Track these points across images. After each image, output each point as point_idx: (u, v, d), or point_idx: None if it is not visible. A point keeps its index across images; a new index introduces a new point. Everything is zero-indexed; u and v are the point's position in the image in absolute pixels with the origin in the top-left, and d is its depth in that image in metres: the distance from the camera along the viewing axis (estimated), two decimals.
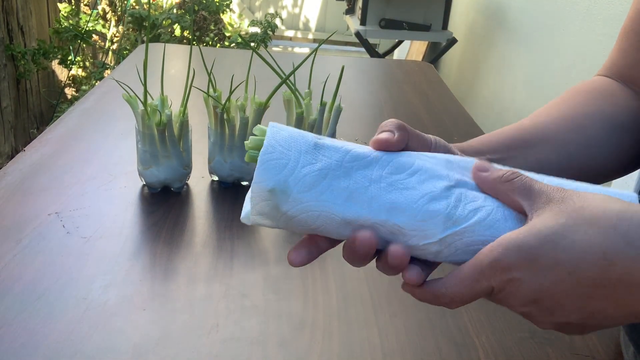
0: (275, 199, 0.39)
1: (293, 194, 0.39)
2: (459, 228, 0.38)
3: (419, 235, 0.39)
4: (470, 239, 0.39)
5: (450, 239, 0.39)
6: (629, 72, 0.58)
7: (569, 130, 0.53)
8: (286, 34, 4.87)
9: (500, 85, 2.36)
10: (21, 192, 0.77)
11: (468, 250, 0.39)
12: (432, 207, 0.39)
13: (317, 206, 0.39)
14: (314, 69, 0.84)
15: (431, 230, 0.38)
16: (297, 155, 0.39)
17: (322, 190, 0.39)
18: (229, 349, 0.54)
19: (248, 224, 0.42)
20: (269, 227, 0.41)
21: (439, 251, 0.39)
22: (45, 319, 0.55)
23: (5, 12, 2.55)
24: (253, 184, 0.39)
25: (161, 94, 0.78)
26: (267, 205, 0.39)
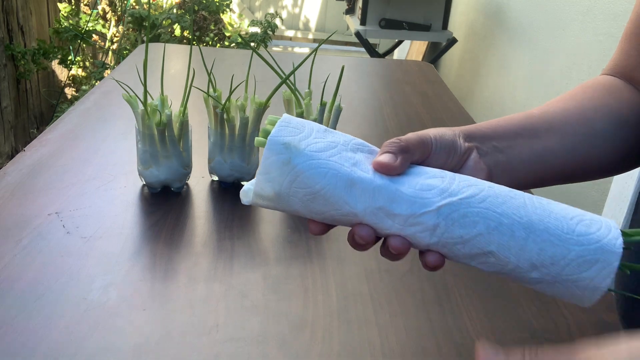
0: (288, 153, 0.40)
1: (306, 150, 0.40)
2: (455, 198, 0.40)
3: (418, 202, 0.40)
4: (466, 210, 0.39)
5: (447, 208, 0.40)
6: (631, 73, 0.59)
7: (576, 122, 0.53)
8: (286, 34, 4.87)
9: (500, 85, 2.36)
10: (21, 192, 0.77)
11: (464, 223, 0.39)
12: (429, 182, 0.41)
13: (326, 164, 0.40)
14: (314, 69, 0.84)
15: (429, 198, 0.40)
16: (310, 131, 0.42)
17: (331, 155, 0.41)
18: (229, 349, 0.54)
19: (245, 200, 0.43)
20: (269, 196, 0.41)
21: (437, 225, 0.40)
22: (45, 319, 0.55)
23: (5, 12, 2.55)
24: (270, 137, 0.41)
25: (161, 94, 0.78)
26: (277, 161, 0.40)
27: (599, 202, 1.55)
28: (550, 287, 0.40)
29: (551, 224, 0.39)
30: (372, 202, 0.40)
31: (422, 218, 0.40)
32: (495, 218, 0.39)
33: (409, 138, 0.44)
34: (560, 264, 0.39)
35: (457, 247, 0.40)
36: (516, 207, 0.40)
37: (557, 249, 0.39)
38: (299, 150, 0.40)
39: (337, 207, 0.41)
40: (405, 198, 0.40)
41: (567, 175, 0.54)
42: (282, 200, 0.41)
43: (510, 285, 0.67)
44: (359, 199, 0.40)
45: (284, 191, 0.41)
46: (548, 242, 0.39)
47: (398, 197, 0.40)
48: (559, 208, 0.41)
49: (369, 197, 0.40)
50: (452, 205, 0.40)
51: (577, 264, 0.39)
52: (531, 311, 0.63)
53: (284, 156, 0.40)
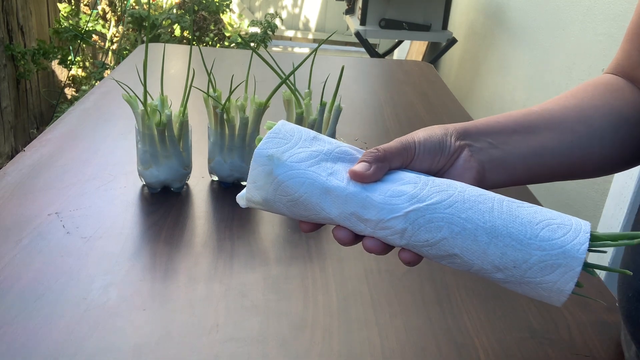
0: (271, 164, 0.44)
1: (287, 161, 0.44)
2: (423, 205, 0.42)
3: (387, 208, 0.43)
4: (432, 216, 0.42)
5: (414, 214, 0.42)
6: (633, 72, 0.59)
7: (575, 120, 0.53)
8: (286, 34, 4.87)
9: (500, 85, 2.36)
10: (21, 192, 0.77)
11: (430, 227, 0.42)
12: (401, 188, 0.44)
13: (304, 174, 0.44)
14: (313, 69, 0.84)
15: (398, 205, 0.43)
16: (297, 140, 0.46)
17: (311, 164, 0.45)
18: (229, 349, 0.54)
19: (241, 203, 0.48)
20: (259, 202, 0.46)
21: (404, 229, 0.42)
22: (45, 319, 0.55)
23: (5, 12, 2.55)
24: (256, 151, 0.45)
25: (161, 94, 0.78)
26: (262, 172, 0.45)
27: (599, 202, 1.55)
28: (518, 287, 0.42)
29: (515, 229, 0.41)
30: (344, 208, 0.44)
31: (390, 223, 0.43)
32: (459, 223, 0.42)
33: (388, 147, 0.46)
34: (522, 268, 0.41)
35: (425, 249, 0.43)
36: (482, 212, 0.42)
37: (519, 254, 0.41)
38: (281, 162, 0.44)
39: (315, 212, 0.44)
40: (374, 204, 0.43)
41: (564, 172, 0.54)
42: (269, 205, 0.46)
43: None
44: (333, 205, 0.44)
45: (270, 197, 0.45)
46: (510, 247, 0.41)
47: (368, 203, 0.43)
48: (527, 212, 0.42)
49: (342, 203, 0.44)
50: (419, 211, 0.42)
51: (538, 268, 0.40)
52: (531, 311, 0.63)
53: (268, 167, 0.44)
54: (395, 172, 0.46)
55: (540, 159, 0.52)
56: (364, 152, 0.46)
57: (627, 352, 0.57)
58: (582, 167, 0.54)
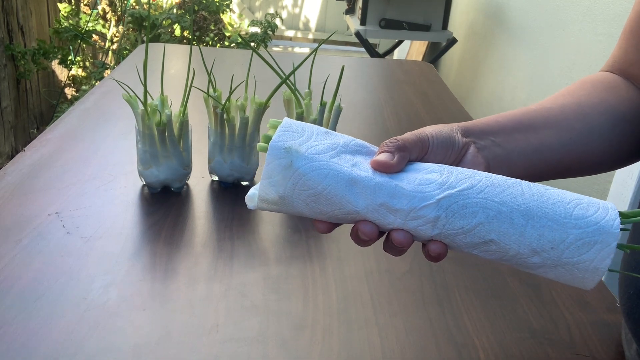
0: (289, 156, 0.41)
1: (306, 153, 0.42)
2: (454, 190, 0.41)
3: (418, 196, 0.41)
4: (465, 201, 0.41)
5: (447, 201, 0.41)
6: (629, 70, 0.59)
7: (573, 118, 0.54)
8: (286, 34, 4.87)
9: (500, 85, 2.36)
10: (21, 192, 0.77)
11: (464, 213, 0.41)
12: (427, 176, 0.42)
13: (327, 165, 0.42)
14: (314, 69, 0.84)
15: (429, 192, 0.41)
16: (310, 134, 0.43)
17: (331, 156, 0.42)
18: (229, 349, 0.54)
19: (250, 205, 0.45)
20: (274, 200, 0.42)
21: (437, 217, 0.41)
22: (45, 319, 0.55)
23: (5, 12, 2.55)
24: (271, 144, 0.42)
25: (161, 94, 0.78)
26: (279, 165, 0.42)
27: None
28: (552, 271, 0.41)
29: (549, 209, 0.41)
30: (373, 199, 0.41)
31: (423, 211, 0.41)
32: (494, 207, 0.41)
33: (406, 137, 0.45)
34: (559, 248, 0.40)
35: (459, 238, 0.41)
36: (514, 195, 0.41)
37: (556, 234, 0.40)
38: (300, 154, 0.42)
39: (340, 206, 0.42)
40: (405, 193, 0.41)
41: (565, 169, 0.55)
42: (286, 203, 0.42)
43: (510, 285, 0.67)
44: (360, 197, 0.41)
45: (288, 194, 0.42)
46: (547, 228, 0.40)
47: (398, 192, 0.41)
48: (556, 193, 0.42)
49: (370, 194, 0.41)
50: (452, 197, 0.41)
51: (576, 247, 0.40)
52: (531, 311, 0.63)
53: (286, 160, 0.42)
54: (415, 164, 0.44)
55: (540, 156, 0.52)
56: (382, 143, 0.45)
57: (628, 351, 0.57)
58: (582, 163, 0.55)
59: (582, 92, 0.57)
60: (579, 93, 0.57)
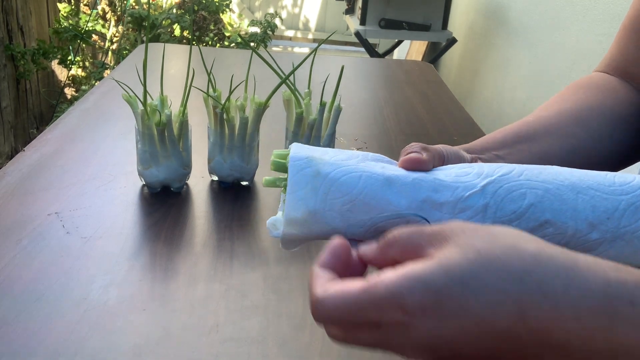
0: (315, 165, 0.38)
1: (331, 161, 0.39)
2: (495, 177, 0.39)
3: (461, 186, 0.39)
4: (509, 185, 0.38)
5: (491, 187, 0.38)
6: (628, 69, 0.59)
7: (572, 123, 0.54)
8: (286, 34, 4.87)
9: (500, 85, 2.36)
10: (21, 192, 0.77)
11: (513, 197, 0.38)
12: (462, 170, 0.40)
13: (358, 168, 0.39)
14: (313, 69, 0.84)
15: (471, 182, 0.39)
16: (324, 150, 0.41)
17: (358, 162, 0.39)
18: (229, 349, 0.54)
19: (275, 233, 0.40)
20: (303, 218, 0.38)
21: (486, 205, 0.38)
22: (45, 319, 0.55)
23: (5, 12, 2.55)
24: (290, 156, 0.39)
25: (161, 94, 0.78)
26: (305, 176, 0.38)
27: None
28: (612, 246, 0.39)
29: (592, 181, 0.39)
30: (414, 196, 0.38)
31: (470, 201, 0.38)
32: (539, 186, 0.39)
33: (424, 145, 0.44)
34: (615, 217, 0.38)
35: (513, 225, 0.39)
36: (553, 174, 0.40)
37: (608, 202, 0.39)
38: (325, 161, 0.39)
39: (380, 210, 0.38)
40: (446, 185, 0.39)
41: None
42: (317, 218, 0.38)
43: None
44: (400, 196, 0.38)
45: (319, 206, 0.38)
46: (597, 198, 0.39)
47: (439, 185, 0.39)
48: (590, 171, 0.41)
49: (410, 191, 0.38)
50: (495, 182, 0.39)
51: (630, 212, 0.38)
52: None
53: (311, 169, 0.38)
54: (440, 167, 0.42)
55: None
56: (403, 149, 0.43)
57: None
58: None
59: (577, 96, 0.57)
60: (574, 98, 0.57)
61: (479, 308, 0.29)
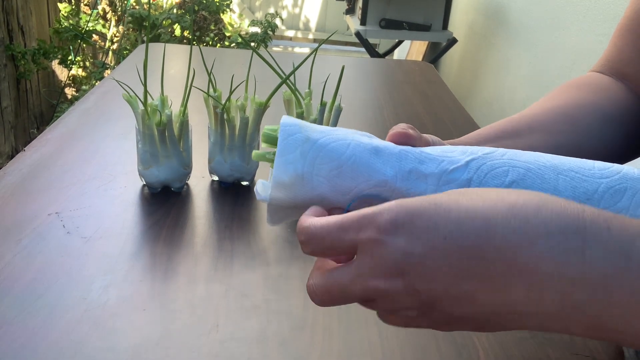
0: (305, 132, 0.39)
1: (321, 129, 0.40)
2: (479, 154, 0.40)
3: (446, 160, 0.40)
4: (492, 162, 0.39)
5: (475, 163, 0.39)
6: (623, 69, 0.59)
7: (559, 121, 0.53)
8: (286, 34, 4.87)
9: (500, 85, 2.36)
10: (21, 192, 0.77)
11: (495, 174, 0.39)
12: (447, 148, 0.41)
13: (347, 137, 0.40)
14: (314, 69, 0.84)
15: (455, 157, 0.40)
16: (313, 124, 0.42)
17: (347, 134, 0.40)
18: (229, 349, 0.54)
19: (263, 195, 0.41)
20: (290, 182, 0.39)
21: (470, 179, 0.39)
22: (45, 319, 0.55)
23: (5, 12, 2.55)
24: (282, 121, 0.39)
25: (161, 94, 0.78)
26: (295, 140, 0.39)
27: None
28: None
29: (572, 164, 0.40)
30: (401, 166, 0.39)
31: (454, 174, 0.39)
32: (522, 165, 0.40)
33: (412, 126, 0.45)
34: (594, 199, 0.39)
35: None
36: (535, 157, 0.40)
37: (587, 184, 0.39)
38: (315, 129, 0.40)
39: (367, 176, 0.39)
40: (432, 158, 0.40)
41: None
42: (305, 182, 0.39)
43: None
44: (387, 164, 0.39)
45: (307, 170, 0.39)
46: (577, 179, 0.39)
47: (425, 158, 0.40)
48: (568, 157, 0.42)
49: (397, 161, 0.39)
50: (479, 159, 0.40)
51: (609, 195, 0.39)
52: None
53: (302, 135, 0.39)
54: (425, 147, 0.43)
55: None
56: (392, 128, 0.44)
57: (627, 352, 0.57)
58: None
59: (566, 95, 0.57)
60: (564, 97, 0.57)
61: (448, 225, 0.30)
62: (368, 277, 0.32)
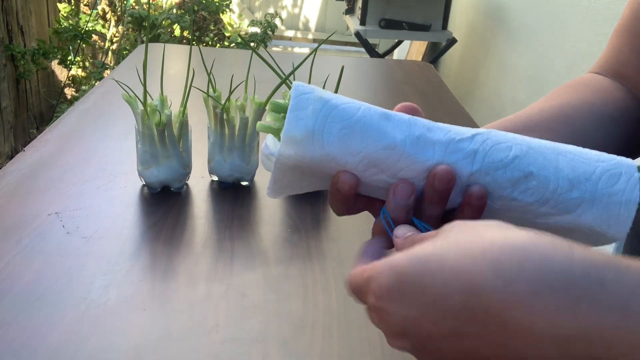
0: (317, 93, 0.40)
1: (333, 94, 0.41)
2: (482, 131, 0.41)
3: (453, 130, 0.41)
4: (496, 138, 0.41)
5: (480, 137, 0.41)
6: (621, 70, 0.58)
7: (554, 120, 0.53)
8: (286, 34, 4.87)
9: (500, 85, 2.36)
10: (21, 192, 0.77)
11: (499, 148, 0.41)
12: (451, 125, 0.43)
13: (358, 102, 0.41)
14: (313, 69, 0.84)
15: (462, 130, 0.41)
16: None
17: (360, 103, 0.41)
18: (229, 349, 0.54)
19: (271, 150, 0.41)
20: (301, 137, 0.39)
21: (475, 151, 0.40)
22: (45, 319, 0.55)
23: (5, 12, 2.55)
24: (294, 83, 0.40)
25: (161, 94, 0.78)
26: (307, 99, 0.39)
27: None
28: (591, 208, 0.41)
29: (571, 148, 0.42)
30: (410, 131, 0.40)
31: (461, 144, 0.40)
32: (524, 144, 0.41)
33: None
34: (593, 180, 0.41)
35: (499, 173, 0.40)
36: (536, 140, 0.42)
37: (585, 166, 0.41)
38: (328, 93, 0.40)
39: (376, 138, 0.39)
40: (440, 127, 0.41)
41: None
42: (315, 139, 0.39)
43: None
44: (397, 129, 0.40)
45: (318, 127, 0.39)
46: (576, 160, 0.41)
47: (433, 126, 0.41)
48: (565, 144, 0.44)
49: (406, 127, 0.40)
50: (484, 134, 0.41)
51: (606, 177, 0.41)
52: None
53: (314, 95, 0.39)
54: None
55: None
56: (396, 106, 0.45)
57: None
58: None
59: (563, 95, 0.57)
60: (561, 98, 0.56)
61: (435, 286, 0.30)
62: (386, 335, 0.35)
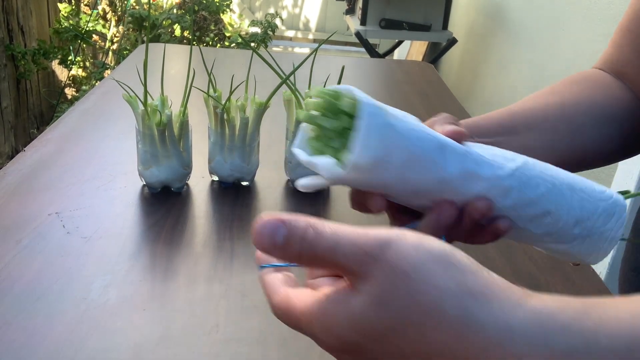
0: (384, 115, 0.37)
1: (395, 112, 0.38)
2: (519, 163, 0.42)
3: (495, 165, 0.41)
4: (529, 173, 0.42)
5: (518, 172, 0.42)
6: (622, 69, 0.59)
7: (556, 118, 0.53)
8: (286, 34, 4.87)
9: (500, 85, 2.36)
10: (21, 192, 0.77)
11: (531, 184, 0.42)
12: (491, 150, 0.43)
13: (418, 126, 0.39)
14: (314, 69, 0.84)
15: (501, 163, 0.41)
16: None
17: (414, 119, 0.40)
18: (229, 349, 0.54)
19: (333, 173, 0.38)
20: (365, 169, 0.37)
21: (510, 187, 0.41)
22: (45, 319, 0.55)
23: (5, 12, 2.55)
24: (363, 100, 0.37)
25: (161, 94, 0.78)
26: (378, 124, 0.36)
27: None
28: (583, 243, 0.44)
29: (582, 184, 0.44)
30: (463, 165, 0.39)
31: (501, 181, 0.41)
32: (549, 180, 0.43)
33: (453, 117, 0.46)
34: (593, 218, 0.43)
35: (526, 209, 0.42)
36: (556, 171, 0.44)
37: (591, 205, 0.43)
38: (390, 113, 0.37)
39: (433, 171, 0.39)
40: (486, 162, 0.41)
41: None
42: (377, 170, 0.37)
43: None
44: (450, 162, 0.39)
45: (384, 159, 0.37)
46: (585, 200, 0.43)
47: (481, 160, 0.41)
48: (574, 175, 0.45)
49: (461, 160, 0.39)
50: (520, 169, 0.42)
51: (603, 217, 0.44)
52: None
53: (382, 119, 0.37)
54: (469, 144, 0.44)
55: None
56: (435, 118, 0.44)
57: None
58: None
59: (567, 90, 0.57)
60: (564, 92, 0.57)
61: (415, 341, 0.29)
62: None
